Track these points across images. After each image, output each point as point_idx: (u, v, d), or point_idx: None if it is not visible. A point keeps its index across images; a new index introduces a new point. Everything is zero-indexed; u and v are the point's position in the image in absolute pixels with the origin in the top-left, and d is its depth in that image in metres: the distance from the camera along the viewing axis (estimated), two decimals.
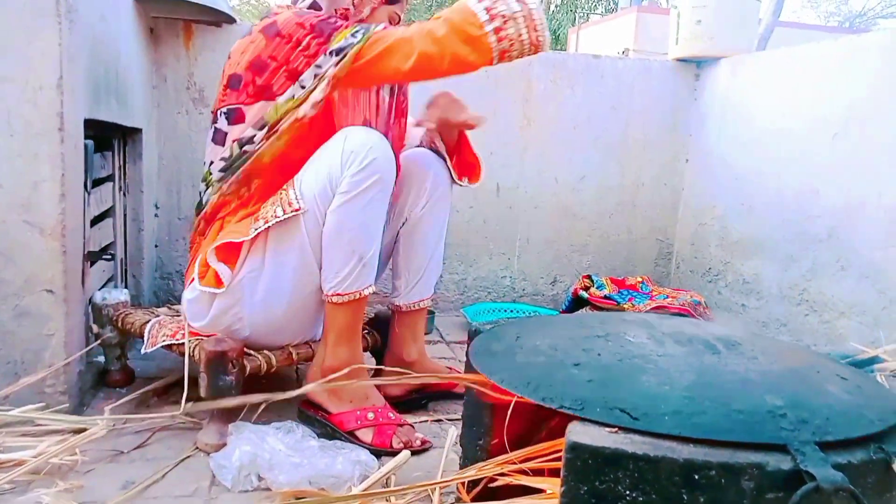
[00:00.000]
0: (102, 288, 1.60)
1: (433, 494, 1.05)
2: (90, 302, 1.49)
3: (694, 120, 2.46)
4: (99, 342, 1.49)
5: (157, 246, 2.14)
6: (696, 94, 2.45)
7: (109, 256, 1.69)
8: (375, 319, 1.59)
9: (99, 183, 1.63)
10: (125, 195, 1.87)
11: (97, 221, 1.61)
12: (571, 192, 2.44)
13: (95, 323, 1.49)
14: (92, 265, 1.52)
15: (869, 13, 18.88)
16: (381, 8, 1.40)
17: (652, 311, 2.05)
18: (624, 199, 2.50)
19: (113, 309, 1.49)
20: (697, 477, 0.65)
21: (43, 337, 1.30)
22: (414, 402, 1.51)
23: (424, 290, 1.52)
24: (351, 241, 1.27)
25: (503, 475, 0.90)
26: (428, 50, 1.20)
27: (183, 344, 1.33)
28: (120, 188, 1.83)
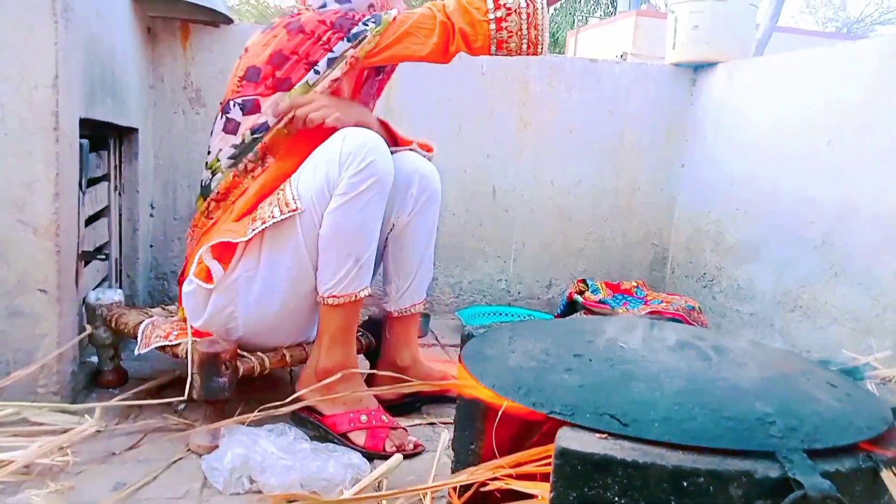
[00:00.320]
0: (97, 288, 1.60)
1: (424, 499, 1.05)
2: (84, 302, 1.49)
3: (690, 125, 2.46)
4: (86, 335, 1.49)
5: (152, 246, 2.14)
6: (692, 98, 2.46)
7: (104, 256, 1.69)
8: (369, 322, 1.58)
9: (94, 182, 1.62)
10: (120, 195, 1.87)
11: (92, 221, 1.61)
12: (567, 195, 2.45)
13: (89, 323, 1.49)
14: (86, 265, 1.52)
15: (866, 19, 18.93)
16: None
17: (646, 315, 2.05)
18: (620, 203, 2.50)
19: (106, 309, 1.49)
20: (686, 484, 0.65)
21: (35, 337, 1.30)
22: (407, 405, 1.51)
23: (415, 294, 1.51)
24: (348, 242, 1.27)
25: (495, 479, 0.90)
26: (446, 26, 1.32)
27: (177, 345, 1.33)
28: (115, 188, 1.83)
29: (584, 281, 2.28)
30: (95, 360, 1.55)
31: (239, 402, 1.43)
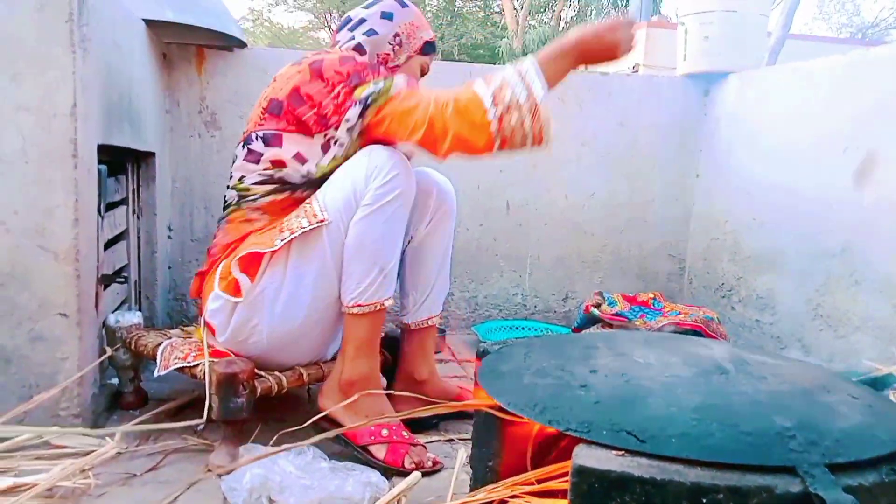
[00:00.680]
0: (116, 310, 1.62)
1: None
2: (104, 324, 1.51)
3: (704, 135, 2.45)
4: (106, 358, 1.50)
5: (170, 268, 2.16)
6: (705, 109, 2.45)
7: (123, 279, 1.71)
8: (386, 339, 1.59)
9: (113, 206, 1.65)
10: (139, 218, 1.90)
11: (111, 244, 1.63)
12: (581, 208, 2.44)
13: (109, 345, 1.51)
14: (105, 288, 1.54)
15: (881, 24, 18.78)
16: (415, 58, 1.47)
17: (664, 327, 2.03)
18: (634, 215, 2.49)
19: (126, 331, 1.50)
20: (705, 500, 0.65)
21: (57, 360, 1.31)
22: (425, 421, 1.51)
23: (433, 307, 1.53)
24: (373, 252, 1.31)
25: (514, 497, 0.89)
26: (435, 127, 1.25)
27: (195, 366, 1.34)
28: (133, 211, 1.86)
29: (600, 293, 2.27)
30: (116, 381, 1.56)
31: (257, 421, 1.44)
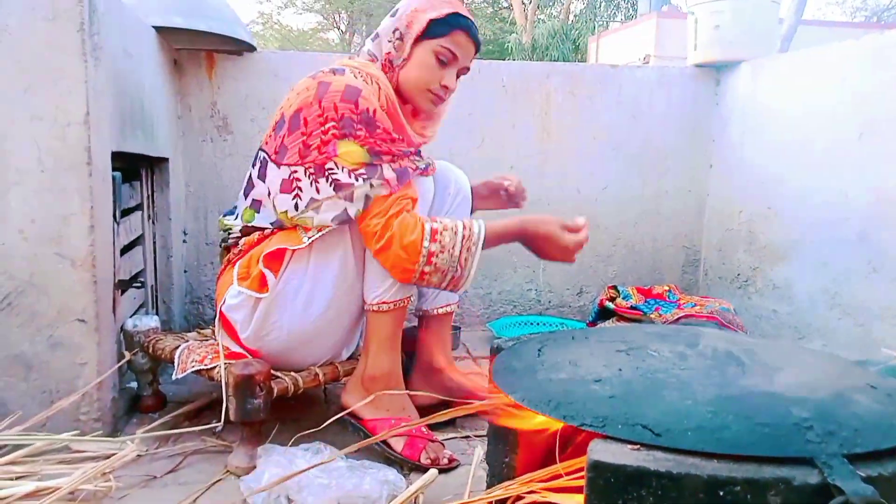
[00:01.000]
0: (134, 315, 1.64)
1: None
2: (122, 329, 1.53)
3: (716, 125, 2.43)
4: (125, 362, 1.52)
5: (186, 271, 2.18)
6: (717, 99, 2.43)
7: (140, 284, 1.73)
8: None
9: (128, 212, 1.67)
10: (154, 223, 1.91)
11: (127, 250, 1.65)
12: (594, 202, 2.43)
13: (127, 350, 1.52)
14: (123, 293, 1.56)
15: None
16: (422, 45, 1.35)
17: (680, 319, 2.02)
18: (648, 207, 2.48)
19: (143, 335, 1.52)
20: (722, 493, 0.64)
21: (76, 366, 1.33)
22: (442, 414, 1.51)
23: (451, 294, 1.54)
24: None
25: (532, 492, 0.89)
26: (388, 254, 1.28)
27: (212, 369, 1.35)
28: (149, 216, 1.88)
29: (614, 287, 2.25)
30: (135, 385, 1.58)
31: (275, 422, 1.45)
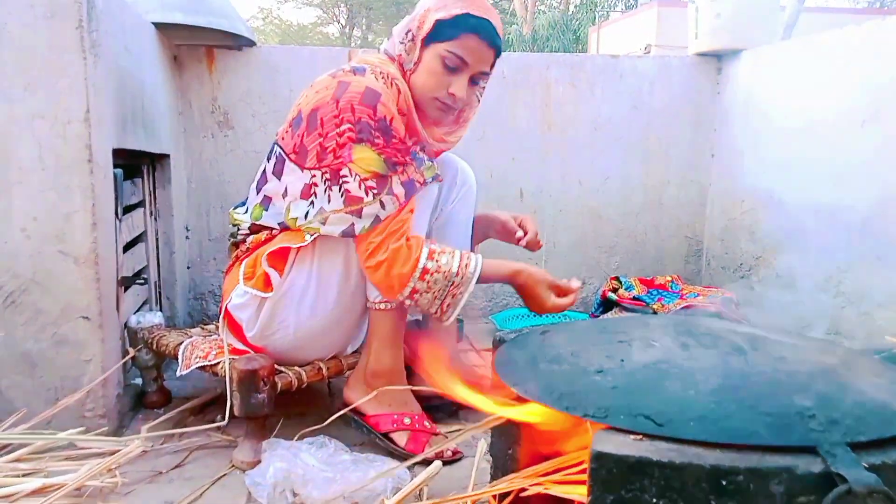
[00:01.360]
0: (138, 311, 1.65)
1: None
2: (126, 326, 1.53)
3: (718, 114, 2.42)
4: (129, 359, 1.53)
5: (189, 267, 2.19)
6: (718, 88, 2.42)
7: (143, 280, 1.73)
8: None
9: (130, 209, 1.67)
10: (156, 219, 1.92)
11: (130, 247, 1.66)
12: (596, 193, 2.43)
13: (131, 346, 1.53)
14: (126, 290, 1.56)
15: None
16: (429, 49, 1.31)
17: (682, 310, 2.02)
18: (650, 198, 2.47)
19: (147, 332, 1.53)
20: (725, 483, 0.64)
21: (81, 363, 1.34)
22: (445, 408, 1.52)
23: None
24: None
25: (536, 484, 0.89)
26: (377, 275, 1.28)
27: (216, 364, 1.36)
28: (151, 213, 1.88)
29: (617, 278, 2.25)
30: (140, 381, 1.59)
31: (279, 416, 1.45)
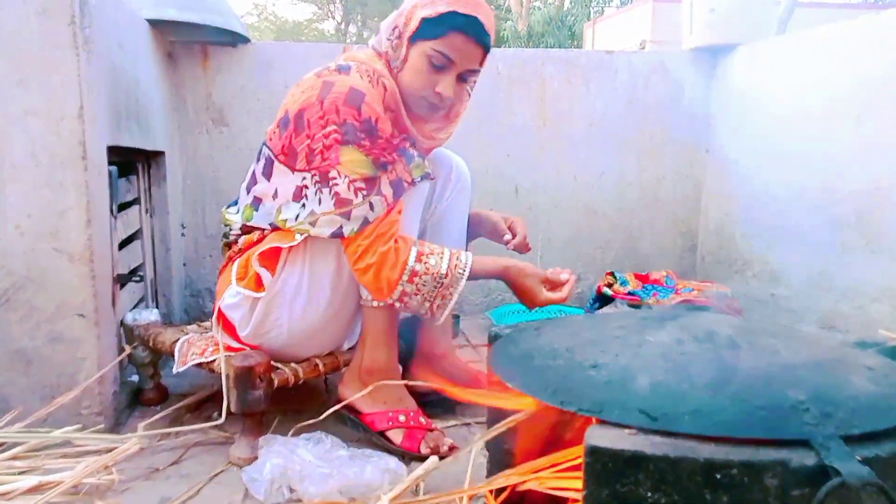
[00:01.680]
0: (133, 309, 1.64)
1: (461, 503, 1.05)
2: (122, 323, 1.53)
3: (713, 110, 2.42)
4: (125, 356, 1.53)
5: (185, 265, 2.18)
6: (713, 83, 2.42)
7: (139, 278, 1.73)
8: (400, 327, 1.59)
9: (125, 206, 1.67)
10: (151, 217, 1.91)
11: (125, 244, 1.65)
12: (591, 189, 2.43)
13: (127, 343, 1.53)
14: (122, 287, 1.56)
15: None
16: (416, 47, 1.28)
17: (678, 305, 2.02)
18: (645, 193, 2.47)
19: (143, 329, 1.52)
20: (719, 476, 0.64)
21: (77, 360, 1.33)
22: (442, 404, 1.52)
23: None
24: None
25: (533, 479, 0.90)
26: (365, 278, 1.28)
27: (212, 361, 1.36)
28: (146, 210, 1.88)
29: (612, 274, 2.26)
30: (136, 378, 1.59)
31: (276, 413, 1.46)
